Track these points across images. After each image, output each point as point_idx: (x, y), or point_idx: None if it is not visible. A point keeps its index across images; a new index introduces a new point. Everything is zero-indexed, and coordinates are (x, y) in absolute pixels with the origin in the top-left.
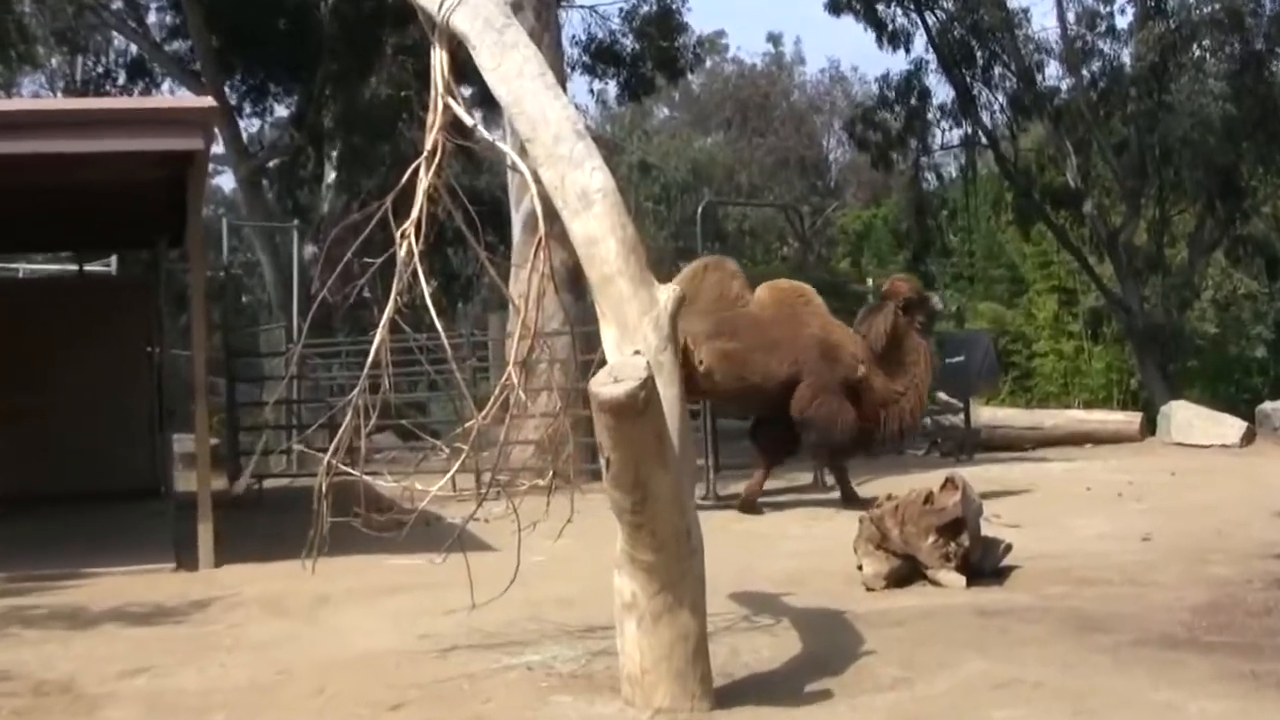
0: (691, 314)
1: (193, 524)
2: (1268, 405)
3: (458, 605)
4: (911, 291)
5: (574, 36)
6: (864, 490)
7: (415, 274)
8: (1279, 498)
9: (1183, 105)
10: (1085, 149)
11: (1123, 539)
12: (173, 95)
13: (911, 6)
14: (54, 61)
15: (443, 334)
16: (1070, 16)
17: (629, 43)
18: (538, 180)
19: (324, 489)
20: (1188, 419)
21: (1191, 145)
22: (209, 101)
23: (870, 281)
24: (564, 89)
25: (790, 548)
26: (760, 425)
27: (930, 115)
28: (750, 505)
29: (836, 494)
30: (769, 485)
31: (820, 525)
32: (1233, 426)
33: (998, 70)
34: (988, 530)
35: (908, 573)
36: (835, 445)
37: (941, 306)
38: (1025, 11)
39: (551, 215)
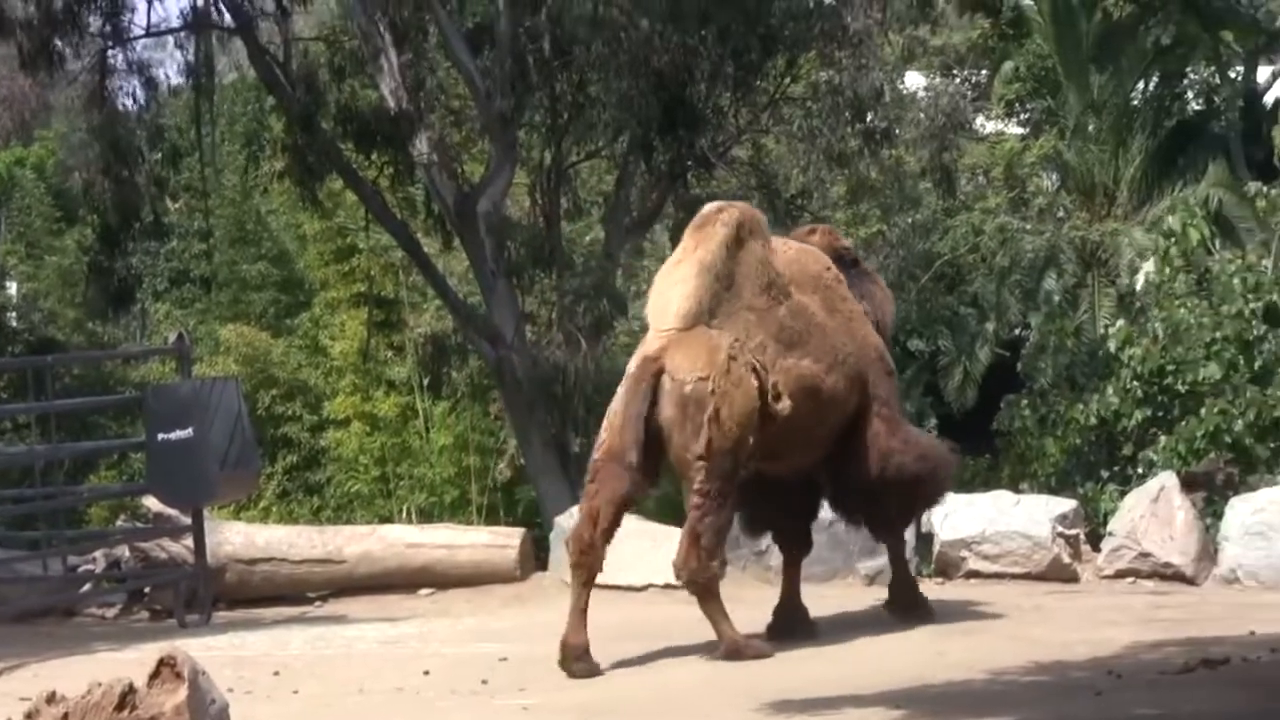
0: (739, 313)
1: None
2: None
3: None
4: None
5: None
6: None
7: None
8: (774, 675)
9: None
10: (416, 39)
11: None
12: None
13: None
14: None
15: None
16: None
17: None
18: None
19: None
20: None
21: (607, 33)
22: None
23: (14, 288)
24: None
25: None
26: (770, 493)
27: None
28: (801, 620)
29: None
30: None
31: None
32: None
33: None
34: None
35: None
36: (917, 513)
37: None
38: None
39: None
